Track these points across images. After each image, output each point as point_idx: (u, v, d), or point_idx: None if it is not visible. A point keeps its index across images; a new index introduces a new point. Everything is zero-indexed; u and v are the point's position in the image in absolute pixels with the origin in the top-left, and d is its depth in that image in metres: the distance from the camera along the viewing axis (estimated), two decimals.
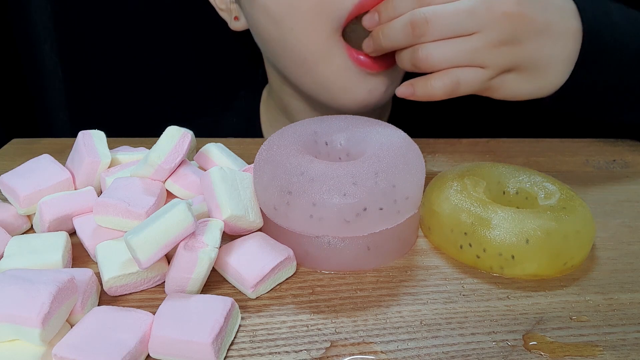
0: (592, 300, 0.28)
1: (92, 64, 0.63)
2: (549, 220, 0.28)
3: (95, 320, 0.24)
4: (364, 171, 0.28)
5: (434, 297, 0.28)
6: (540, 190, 0.32)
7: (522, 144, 0.47)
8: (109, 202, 0.29)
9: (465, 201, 0.30)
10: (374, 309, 0.27)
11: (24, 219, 0.33)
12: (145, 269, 0.26)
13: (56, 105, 0.65)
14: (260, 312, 0.27)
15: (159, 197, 0.31)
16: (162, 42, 0.62)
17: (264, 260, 0.28)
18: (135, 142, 0.42)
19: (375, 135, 0.32)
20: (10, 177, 0.32)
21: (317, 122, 0.34)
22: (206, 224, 0.28)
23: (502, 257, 0.29)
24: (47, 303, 0.22)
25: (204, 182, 0.30)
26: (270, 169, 0.30)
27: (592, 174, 0.41)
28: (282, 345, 0.25)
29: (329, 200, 0.28)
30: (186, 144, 0.32)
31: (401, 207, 0.29)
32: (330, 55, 0.38)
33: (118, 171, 0.34)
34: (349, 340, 0.25)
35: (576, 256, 0.29)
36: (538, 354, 0.24)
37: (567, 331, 0.26)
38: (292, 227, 0.29)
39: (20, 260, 0.27)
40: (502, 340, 0.25)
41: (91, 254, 0.30)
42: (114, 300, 0.28)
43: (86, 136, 0.35)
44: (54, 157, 0.35)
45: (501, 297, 0.28)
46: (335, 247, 0.29)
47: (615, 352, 0.24)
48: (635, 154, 0.45)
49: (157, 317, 0.24)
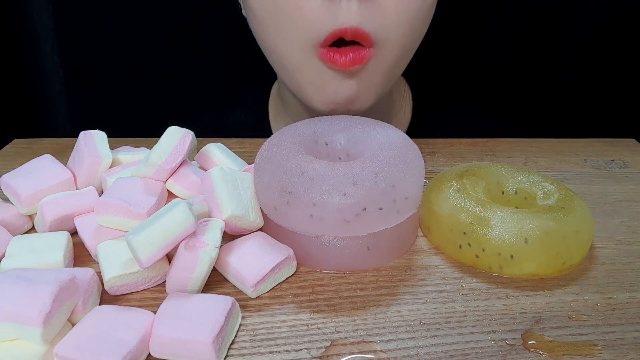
0: (591, 299, 0.28)
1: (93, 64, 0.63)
2: (548, 220, 0.29)
3: (96, 319, 0.24)
4: (363, 171, 0.29)
5: (433, 296, 0.28)
6: (539, 190, 0.32)
7: (522, 144, 0.47)
8: (110, 202, 0.29)
9: (464, 201, 0.30)
10: (373, 309, 0.27)
11: (25, 219, 0.33)
12: (146, 268, 0.27)
13: (57, 105, 0.64)
14: (260, 311, 0.27)
15: (159, 197, 0.31)
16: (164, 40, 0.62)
17: (264, 260, 0.28)
18: (136, 142, 0.42)
19: (375, 135, 0.32)
20: (12, 177, 0.33)
21: (317, 122, 0.34)
22: (207, 224, 0.28)
23: (501, 256, 0.29)
24: (49, 302, 0.22)
25: (204, 182, 0.30)
26: (270, 169, 0.30)
27: (591, 174, 0.42)
28: (283, 344, 0.25)
29: (329, 200, 0.28)
30: (187, 144, 0.32)
31: (401, 207, 0.29)
32: (307, 64, 0.38)
33: (119, 171, 0.34)
34: (349, 339, 0.25)
35: (575, 256, 0.29)
36: (537, 353, 0.24)
37: (566, 330, 0.26)
38: (292, 227, 0.29)
39: (21, 259, 0.28)
40: (501, 340, 0.25)
41: (92, 253, 0.30)
42: (115, 299, 0.28)
43: (87, 136, 0.35)
44: (55, 157, 0.35)
45: (500, 297, 0.28)
46: (335, 247, 0.29)
47: (613, 351, 0.24)
48: (634, 154, 0.45)
49: (158, 317, 0.24)
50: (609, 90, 0.61)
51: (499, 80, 0.63)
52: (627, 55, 0.59)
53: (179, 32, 0.62)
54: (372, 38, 0.36)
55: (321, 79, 0.38)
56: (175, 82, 0.64)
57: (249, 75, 0.59)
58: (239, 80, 0.63)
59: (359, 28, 0.35)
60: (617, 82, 0.60)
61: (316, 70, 0.38)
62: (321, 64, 0.37)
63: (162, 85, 0.64)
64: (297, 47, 0.37)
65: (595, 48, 0.59)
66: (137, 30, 0.61)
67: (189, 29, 0.62)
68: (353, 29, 0.35)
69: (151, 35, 0.62)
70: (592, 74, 0.60)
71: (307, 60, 0.38)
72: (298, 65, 0.38)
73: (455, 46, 0.62)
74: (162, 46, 0.62)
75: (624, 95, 0.61)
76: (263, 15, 0.38)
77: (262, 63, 0.44)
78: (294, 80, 0.40)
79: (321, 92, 0.39)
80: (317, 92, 0.39)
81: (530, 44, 0.60)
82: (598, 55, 0.59)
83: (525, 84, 0.62)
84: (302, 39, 0.37)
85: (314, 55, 0.37)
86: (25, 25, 0.60)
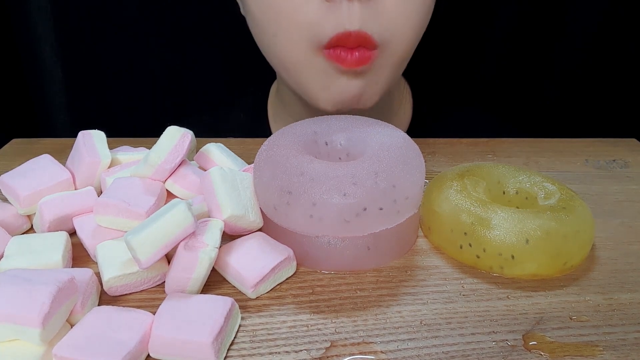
0: (592, 300, 0.28)
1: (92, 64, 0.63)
2: (549, 220, 0.28)
3: (95, 320, 0.24)
4: (364, 171, 0.29)
5: (434, 297, 0.28)
6: (540, 190, 0.32)
7: (522, 144, 0.47)
8: (109, 202, 0.29)
9: (465, 201, 0.30)
10: (374, 309, 0.27)
11: (24, 219, 0.33)
12: (145, 268, 0.26)
13: (56, 105, 0.64)
14: (260, 312, 0.27)
15: (159, 197, 0.31)
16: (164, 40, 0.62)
17: (264, 260, 0.28)
18: (135, 142, 0.42)
19: (375, 135, 0.32)
20: (11, 177, 0.32)
21: (317, 122, 0.34)
22: (206, 224, 0.28)
23: (502, 257, 0.29)
24: (48, 303, 0.22)
25: (204, 182, 0.30)
26: (270, 169, 0.30)
27: (592, 173, 0.41)
28: (282, 345, 0.25)
29: (329, 200, 0.28)
30: (186, 144, 0.32)
31: (401, 207, 0.29)
32: (310, 64, 0.38)
33: (118, 171, 0.34)
34: (349, 340, 0.25)
35: (576, 256, 0.29)
36: (538, 354, 0.24)
37: (567, 331, 0.26)
38: (292, 227, 0.29)
39: (20, 260, 0.27)
40: (502, 340, 0.25)
41: (91, 253, 0.30)
42: (114, 300, 0.28)
43: (86, 136, 0.35)
44: (54, 157, 0.35)
45: (501, 297, 0.28)
46: (335, 247, 0.29)
47: (615, 352, 0.24)
48: (635, 154, 0.45)
49: (157, 317, 0.24)
50: (610, 90, 0.61)
51: (499, 80, 0.63)
52: (628, 55, 0.59)
53: (178, 32, 0.62)
54: (376, 40, 0.36)
55: (326, 79, 0.38)
56: (175, 82, 0.64)
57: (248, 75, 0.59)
58: (238, 80, 0.63)
59: (361, 31, 0.35)
60: (618, 82, 0.60)
61: (320, 70, 0.38)
62: (325, 63, 0.37)
63: (162, 85, 0.64)
64: (299, 48, 0.37)
65: (595, 48, 0.59)
66: (136, 30, 0.61)
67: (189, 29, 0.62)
68: (356, 32, 0.35)
69: (151, 36, 0.62)
70: (593, 74, 0.60)
71: (310, 60, 0.38)
72: (300, 65, 0.38)
73: (455, 46, 0.62)
74: (162, 46, 0.62)
75: (625, 95, 0.61)
76: (261, 17, 0.38)
77: (262, 63, 0.44)
78: (297, 80, 0.40)
79: (327, 91, 0.38)
80: (323, 92, 0.39)
81: (531, 43, 0.60)
82: (599, 55, 0.59)
83: (526, 83, 0.62)
84: (304, 40, 0.37)
85: (317, 55, 0.37)
86: (25, 25, 0.60)
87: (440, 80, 0.62)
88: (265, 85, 0.54)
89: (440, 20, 0.44)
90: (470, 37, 0.61)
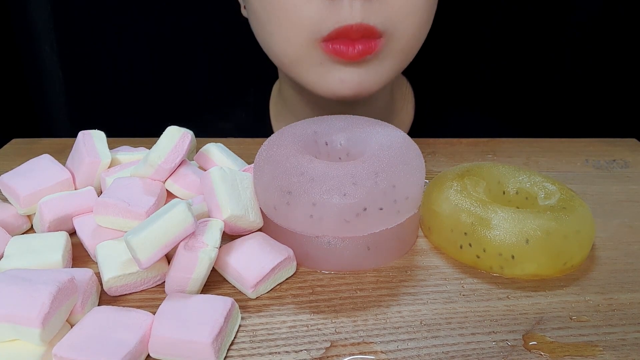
0: (592, 300, 0.28)
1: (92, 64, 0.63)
2: (549, 220, 0.28)
3: (95, 320, 0.24)
4: (364, 171, 0.28)
5: (434, 297, 0.28)
6: (540, 190, 0.32)
7: (523, 143, 0.47)
8: (109, 202, 0.29)
9: (465, 201, 0.30)
10: (374, 309, 0.27)
11: (24, 219, 0.33)
12: (145, 269, 0.26)
13: (56, 105, 0.65)
14: (260, 312, 0.27)
15: (159, 197, 0.31)
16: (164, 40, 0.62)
17: (264, 260, 0.28)
18: (135, 142, 0.42)
19: (375, 135, 0.32)
20: (11, 177, 0.32)
21: (317, 122, 0.34)
22: (206, 224, 0.28)
23: (502, 257, 0.29)
24: (47, 303, 0.22)
25: (204, 182, 0.30)
26: (270, 169, 0.30)
27: (592, 173, 0.41)
28: (282, 345, 0.25)
29: (329, 200, 0.28)
30: (186, 144, 0.32)
31: (401, 207, 0.29)
32: (307, 57, 0.38)
33: (118, 171, 0.34)
34: (349, 340, 0.25)
35: (576, 256, 0.29)
36: (538, 354, 0.24)
37: (567, 331, 0.26)
38: (292, 227, 0.29)
39: (20, 260, 0.27)
40: (502, 340, 0.25)
41: (91, 254, 0.30)
42: (114, 300, 0.28)
43: (86, 136, 0.35)
44: (54, 157, 0.35)
45: (501, 297, 0.28)
46: (335, 247, 0.29)
47: (615, 352, 0.24)
48: (635, 154, 0.45)
49: (157, 317, 0.24)
50: (610, 90, 0.61)
51: (500, 80, 0.63)
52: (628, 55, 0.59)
53: (178, 32, 0.62)
54: (379, 30, 0.36)
55: (325, 70, 0.38)
56: (175, 82, 0.64)
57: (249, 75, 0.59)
58: (239, 80, 0.63)
59: (363, 23, 0.35)
60: (618, 81, 0.60)
61: (318, 61, 0.38)
62: (323, 55, 0.37)
63: (162, 85, 0.64)
64: (298, 43, 0.37)
65: (596, 48, 0.59)
66: (136, 30, 0.61)
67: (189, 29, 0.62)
68: (358, 24, 0.35)
69: (151, 35, 0.62)
70: (593, 74, 0.60)
71: (307, 53, 0.38)
72: (298, 58, 0.38)
73: (457, 46, 0.62)
74: (162, 46, 0.62)
75: (625, 95, 0.61)
76: (261, 13, 0.38)
77: (263, 62, 0.44)
78: (296, 72, 0.40)
79: (325, 82, 0.39)
80: (321, 83, 0.39)
81: (531, 44, 0.60)
82: (598, 55, 0.59)
83: (527, 83, 0.62)
84: (303, 36, 0.37)
85: (315, 48, 0.37)
86: (25, 25, 0.60)
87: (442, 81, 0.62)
88: (266, 85, 0.54)
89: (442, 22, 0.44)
90: (471, 38, 0.61)
